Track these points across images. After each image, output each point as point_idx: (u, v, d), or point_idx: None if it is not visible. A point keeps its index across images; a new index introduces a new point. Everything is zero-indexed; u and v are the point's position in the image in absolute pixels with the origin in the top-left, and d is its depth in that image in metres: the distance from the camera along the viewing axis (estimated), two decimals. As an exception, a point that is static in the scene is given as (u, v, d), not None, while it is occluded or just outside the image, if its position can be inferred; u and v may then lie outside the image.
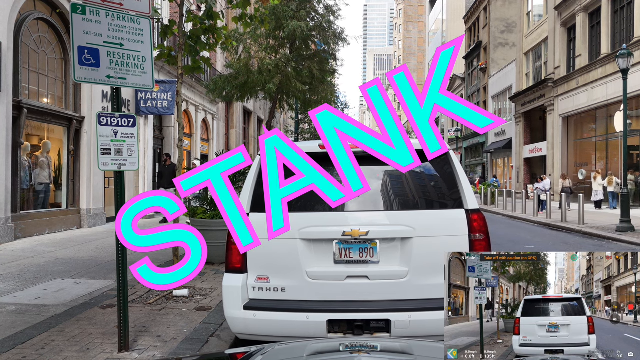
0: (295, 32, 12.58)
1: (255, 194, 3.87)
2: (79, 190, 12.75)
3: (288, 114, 35.76)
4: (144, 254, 2.92)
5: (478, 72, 43.22)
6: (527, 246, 11.82)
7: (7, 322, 4.89)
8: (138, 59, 4.20)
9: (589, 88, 23.30)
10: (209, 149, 22.87)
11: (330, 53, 14.64)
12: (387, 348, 2.07)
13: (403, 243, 3.67)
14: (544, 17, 29.61)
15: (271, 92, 13.50)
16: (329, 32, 14.04)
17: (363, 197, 3.87)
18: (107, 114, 4.09)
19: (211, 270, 7.66)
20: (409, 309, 3.53)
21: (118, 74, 4.09)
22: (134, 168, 4.25)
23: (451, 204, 3.77)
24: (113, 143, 4.11)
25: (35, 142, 11.86)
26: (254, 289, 3.75)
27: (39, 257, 8.51)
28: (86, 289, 6.35)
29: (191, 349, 4.23)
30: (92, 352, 4.09)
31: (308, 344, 2.21)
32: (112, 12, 4.08)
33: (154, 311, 5.34)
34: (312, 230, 3.69)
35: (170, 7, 16.80)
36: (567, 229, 14.89)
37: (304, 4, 13.60)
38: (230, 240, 3.81)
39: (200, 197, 8.78)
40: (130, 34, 4.16)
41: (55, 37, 12.06)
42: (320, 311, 3.57)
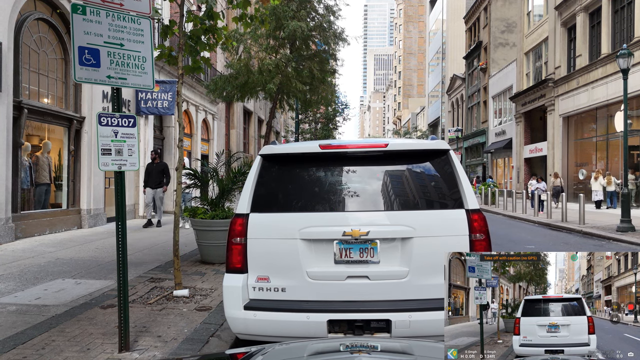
0: (296, 32, 12.58)
1: (255, 194, 3.87)
2: (79, 190, 12.76)
3: (288, 114, 35.77)
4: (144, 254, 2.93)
5: (478, 72, 43.21)
6: (527, 246, 11.81)
7: (8, 322, 4.89)
8: (138, 59, 4.20)
9: (589, 88, 23.30)
10: (209, 149, 22.88)
11: (330, 53, 14.62)
12: (388, 348, 2.07)
13: (403, 243, 3.67)
14: (544, 17, 29.61)
15: (271, 92, 13.49)
16: (329, 32, 14.03)
17: (363, 197, 3.88)
18: (107, 114, 4.09)
19: (211, 270, 7.66)
20: (410, 309, 3.53)
21: (118, 74, 4.09)
22: (134, 168, 4.25)
23: (451, 204, 3.77)
24: (113, 143, 4.11)
25: (36, 142, 11.87)
26: (254, 289, 3.75)
27: (39, 257, 8.51)
28: (86, 289, 6.35)
29: (191, 349, 4.23)
30: (93, 352, 4.09)
31: (308, 344, 2.22)
32: (113, 12, 4.08)
33: (155, 311, 5.34)
34: (313, 230, 3.69)
35: (171, 7, 16.80)
36: (568, 229, 14.88)
37: (304, 4, 13.59)
38: (230, 240, 3.81)
39: (201, 198, 8.78)
40: (131, 34, 4.16)
41: (56, 37, 12.06)
42: (320, 311, 3.57)
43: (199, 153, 20.91)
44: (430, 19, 71.24)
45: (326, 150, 3.88)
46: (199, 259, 8.43)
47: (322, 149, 3.88)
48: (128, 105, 14.95)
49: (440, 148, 3.93)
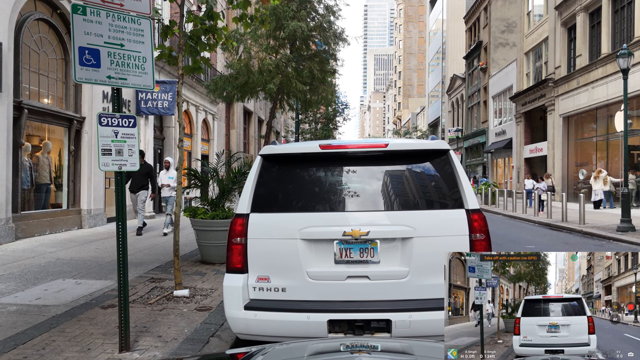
0: (296, 32, 12.58)
1: (255, 194, 3.87)
2: (79, 190, 12.76)
3: (288, 114, 35.76)
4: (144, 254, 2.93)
5: (478, 72, 43.20)
6: (527, 246, 11.81)
7: (8, 323, 4.89)
8: (138, 60, 4.20)
9: (589, 88, 23.29)
10: (210, 149, 22.88)
11: (330, 53, 14.63)
12: (388, 348, 2.07)
13: (403, 243, 3.67)
14: (544, 17, 29.60)
15: (271, 92, 13.50)
16: (329, 32, 14.03)
17: (363, 197, 3.88)
18: (107, 115, 4.10)
19: (212, 270, 7.66)
20: (410, 309, 3.53)
21: (119, 75, 4.10)
22: (134, 168, 4.26)
23: (451, 204, 3.77)
24: (114, 143, 4.12)
25: (36, 143, 11.87)
26: (254, 289, 3.75)
27: (39, 257, 8.52)
28: (87, 289, 6.35)
29: (192, 349, 4.23)
30: (93, 352, 4.10)
31: (309, 344, 2.22)
32: (113, 12, 4.08)
33: (155, 311, 5.34)
34: (313, 231, 3.69)
35: (171, 7, 16.81)
36: (568, 228, 14.88)
37: (304, 4, 13.59)
38: (231, 240, 3.81)
39: (201, 198, 8.78)
40: (131, 34, 4.17)
41: (56, 38, 12.07)
42: (320, 311, 3.57)
43: (199, 153, 20.92)
44: (430, 19, 71.25)
45: (326, 151, 3.89)
46: (199, 259, 8.43)
47: (322, 149, 3.88)
48: (128, 106, 14.96)
49: (440, 148, 3.93)
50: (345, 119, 41.13)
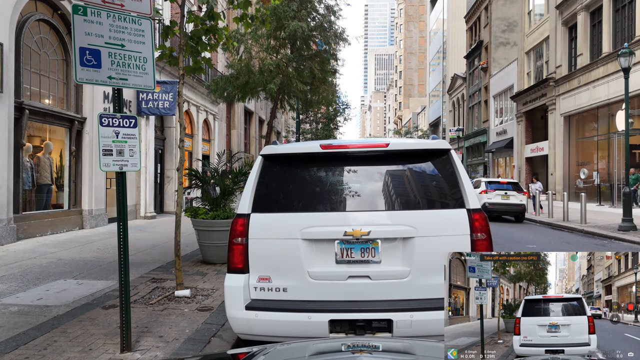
0: (296, 32, 12.58)
1: (256, 194, 3.87)
2: (80, 191, 12.77)
3: (289, 114, 35.78)
4: (145, 254, 2.93)
5: (479, 72, 43.16)
6: (529, 245, 11.81)
7: (10, 323, 4.90)
8: (139, 60, 4.21)
9: (590, 87, 23.26)
10: (210, 149, 22.89)
11: (331, 53, 14.63)
12: (389, 348, 2.07)
13: (405, 243, 3.67)
14: (545, 16, 29.57)
15: (272, 92, 13.50)
16: (330, 32, 14.04)
17: (364, 196, 3.88)
18: (108, 115, 4.10)
19: (213, 270, 7.67)
20: (411, 309, 3.53)
21: (119, 75, 4.10)
22: (135, 169, 4.26)
23: (452, 204, 3.77)
24: (115, 144, 4.12)
25: (37, 143, 11.88)
26: (255, 289, 3.75)
27: (41, 257, 8.53)
28: (88, 289, 6.36)
29: (193, 349, 4.24)
30: (95, 352, 4.10)
31: (310, 344, 2.22)
32: (113, 13, 4.09)
33: (156, 311, 5.35)
34: (314, 230, 3.69)
35: (172, 7, 16.81)
36: (569, 228, 14.87)
37: (305, 4, 13.59)
38: (232, 241, 3.82)
39: (202, 198, 8.79)
40: (132, 34, 4.17)
41: (57, 38, 12.08)
42: (322, 311, 3.57)
43: (200, 153, 20.93)
44: (431, 19, 71.21)
45: (327, 150, 3.89)
46: (201, 259, 8.44)
47: (323, 149, 3.89)
48: (129, 106, 14.97)
49: (441, 148, 3.93)
50: (346, 118, 41.10)
